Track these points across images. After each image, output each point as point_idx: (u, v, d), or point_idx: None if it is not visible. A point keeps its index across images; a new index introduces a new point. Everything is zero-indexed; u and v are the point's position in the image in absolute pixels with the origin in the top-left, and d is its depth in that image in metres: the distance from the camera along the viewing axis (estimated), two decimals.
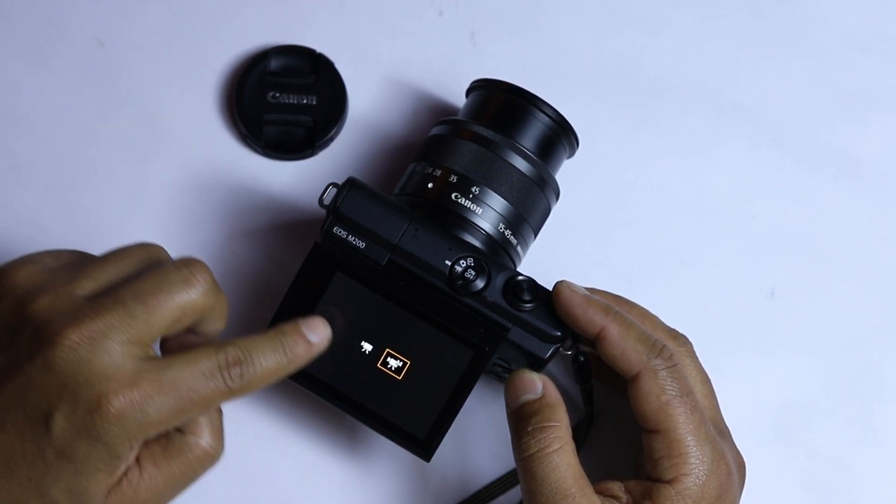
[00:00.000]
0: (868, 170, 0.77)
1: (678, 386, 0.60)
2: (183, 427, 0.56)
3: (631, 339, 0.61)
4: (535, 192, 0.67)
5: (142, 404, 0.52)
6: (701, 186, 0.76)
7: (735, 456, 0.63)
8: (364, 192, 0.64)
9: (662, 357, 0.61)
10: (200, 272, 0.55)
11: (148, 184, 0.74)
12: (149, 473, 0.55)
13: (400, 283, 0.63)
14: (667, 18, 0.79)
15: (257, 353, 0.55)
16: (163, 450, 0.55)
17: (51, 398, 0.52)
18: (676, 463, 0.60)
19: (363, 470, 0.70)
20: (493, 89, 0.69)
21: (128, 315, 0.53)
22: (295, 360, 0.56)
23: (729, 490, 0.61)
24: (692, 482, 0.59)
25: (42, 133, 0.75)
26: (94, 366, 0.52)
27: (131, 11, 0.76)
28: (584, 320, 0.61)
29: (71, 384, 0.52)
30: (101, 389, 0.52)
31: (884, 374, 0.74)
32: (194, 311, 0.55)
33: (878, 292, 0.75)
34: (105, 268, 0.56)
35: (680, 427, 0.60)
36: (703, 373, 0.65)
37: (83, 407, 0.51)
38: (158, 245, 0.59)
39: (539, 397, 0.61)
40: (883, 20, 0.79)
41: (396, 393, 0.63)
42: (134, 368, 0.53)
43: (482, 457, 0.71)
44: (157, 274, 0.55)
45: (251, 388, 0.55)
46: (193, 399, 0.54)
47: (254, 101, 0.74)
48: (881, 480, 0.72)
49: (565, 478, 0.60)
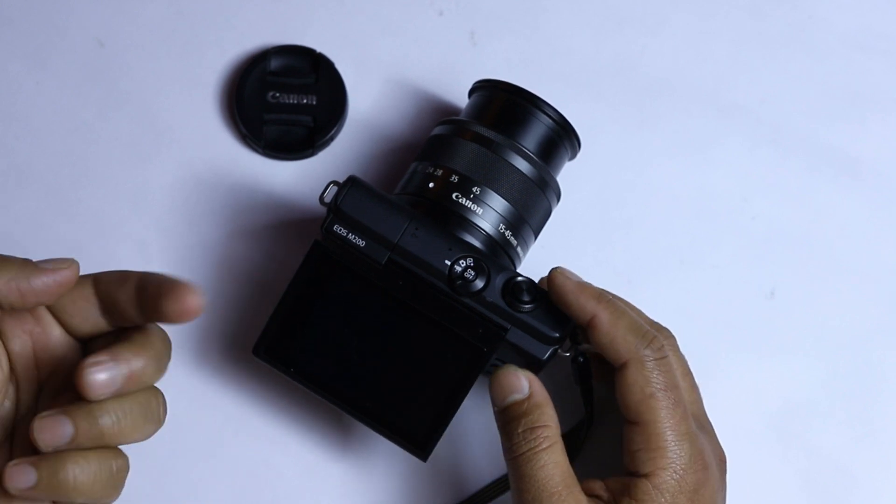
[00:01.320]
0: (868, 170, 0.77)
1: (664, 379, 0.60)
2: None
3: (622, 328, 0.61)
4: (536, 193, 0.67)
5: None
6: (701, 186, 0.76)
7: (715, 450, 0.63)
8: (365, 190, 0.64)
9: (652, 348, 0.61)
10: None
11: (148, 184, 0.74)
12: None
13: (399, 283, 0.63)
14: (667, 18, 0.79)
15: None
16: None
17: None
18: (654, 457, 0.60)
19: (360, 469, 0.70)
20: (495, 90, 0.69)
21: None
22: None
23: (706, 484, 0.60)
24: (669, 476, 0.59)
25: (42, 133, 0.75)
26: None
27: (131, 11, 0.77)
28: (575, 306, 0.61)
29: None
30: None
31: (884, 375, 0.74)
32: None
33: (878, 292, 0.75)
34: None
35: (660, 421, 0.60)
36: (686, 366, 0.65)
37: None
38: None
39: (526, 397, 0.61)
40: (883, 20, 0.79)
41: (394, 392, 0.63)
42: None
43: (479, 457, 0.71)
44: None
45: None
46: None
47: (254, 101, 0.74)
48: (881, 481, 0.72)
49: (553, 475, 0.60)
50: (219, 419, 0.71)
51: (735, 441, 0.70)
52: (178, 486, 0.70)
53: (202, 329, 0.71)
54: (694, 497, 0.60)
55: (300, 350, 0.64)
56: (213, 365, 0.71)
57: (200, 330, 0.71)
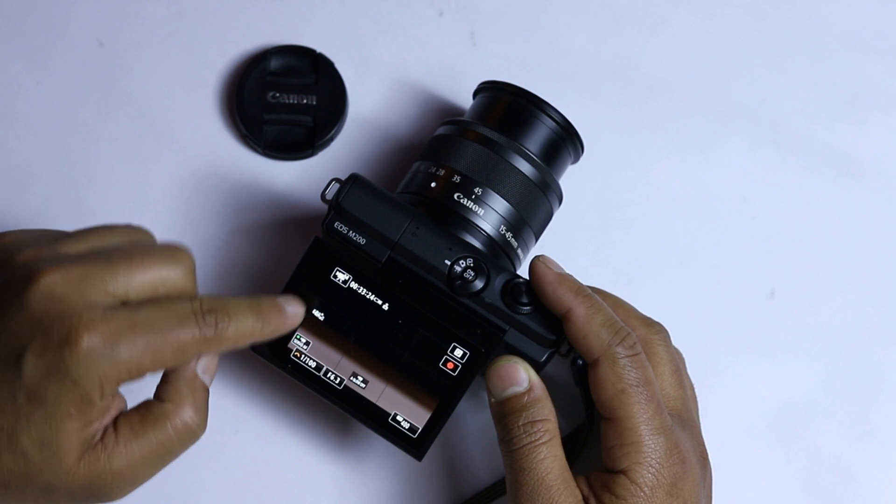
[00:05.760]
0: (868, 170, 0.77)
1: (636, 375, 0.60)
2: (164, 396, 0.56)
3: (595, 324, 0.60)
4: (538, 195, 0.67)
5: (113, 340, 0.51)
6: (701, 186, 0.76)
7: (696, 447, 0.63)
8: (366, 188, 0.64)
9: (624, 345, 0.60)
10: (186, 254, 0.56)
11: (148, 184, 0.74)
12: (125, 440, 0.54)
13: (399, 281, 0.63)
14: (667, 18, 0.79)
15: (233, 309, 0.55)
16: (141, 418, 0.55)
17: (23, 337, 0.51)
18: (629, 452, 0.60)
19: (356, 468, 0.70)
20: (500, 91, 0.69)
21: (109, 267, 0.53)
22: (268, 326, 0.57)
23: (685, 478, 0.60)
24: (645, 471, 0.59)
25: (42, 133, 0.75)
26: (67, 303, 0.51)
27: (131, 11, 0.77)
28: (552, 298, 0.61)
29: (44, 321, 0.51)
30: (72, 324, 0.51)
31: (884, 375, 0.74)
32: (173, 287, 0.55)
33: (878, 292, 0.75)
34: (90, 234, 0.56)
35: (633, 416, 0.60)
36: (675, 361, 0.64)
37: (54, 342, 0.51)
38: (144, 227, 0.58)
39: (526, 390, 0.61)
40: (883, 20, 0.79)
41: (390, 390, 0.63)
42: (107, 308, 0.52)
43: (475, 458, 0.71)
44: (145, 244, 0.55)
45: (224, 341, 0.55)
46: (166, 341, 0.53)
47: (254, 101, 0.74)
48: (881, 481, 0.72)
49: (552, 469, 0.60)
50: (217, 418, 0.70)
51: (735, 441, 0.71)
52: (177, 485, 0.70)
53: None
54: (672, 491, 0.60)
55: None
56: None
57: None
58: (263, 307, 0.57)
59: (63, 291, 0.51)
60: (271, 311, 0.57)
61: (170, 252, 0.55)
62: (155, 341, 0.52)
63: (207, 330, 0.54)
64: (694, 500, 0.61)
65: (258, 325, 0.56)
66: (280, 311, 0.58)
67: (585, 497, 0.60)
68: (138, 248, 0.55)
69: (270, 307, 0.57)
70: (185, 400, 0.56)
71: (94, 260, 0.53)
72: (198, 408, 0.56)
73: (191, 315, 0.54)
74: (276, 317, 0.57)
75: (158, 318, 0.53)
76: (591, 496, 0.60)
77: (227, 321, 0.55)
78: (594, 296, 0.62)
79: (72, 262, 0.53)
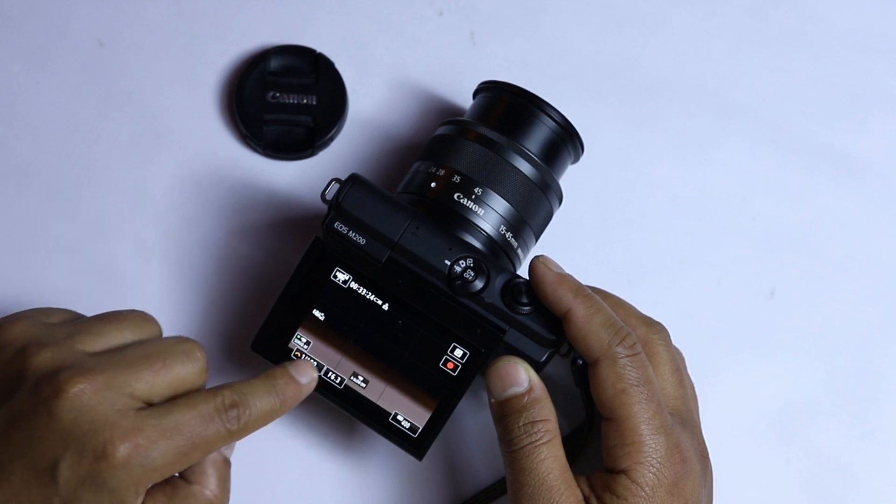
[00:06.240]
0: (868, 170, 0.77)
1: (636, 375, 0.60)
2: (189, 476, 0.58)
3: (595, 324, 0.61)
4: (538, 195, 0.67)
5: (146, 450, 0.53)
6: (701, 186, 0.76)
7: (697, 446, 0.63)
8: (366, 188, 0.64)
9: (624, 345, 0.60)
10: (200, 350, 0.57)
11: (148, 184, 0.74)
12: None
13: (399, 281, 0.63)
14: (667, 18, 0.79)
15: (252, 395, 0.57)
16: (168, 499, 0.56)
17: (56, 448, 0.52)
18: (629, 452, 0.60)
19: (356, 467, 0.70)
20: (500, 92, 0.69)
21: (133, 372, 0.55)
22: (287, 402, 0.58)
23: (685, 477, 0.60)
24: (646, 470, 0.59)
25: (42, 133, 0.75)
26: (98, 414, 0.53)
27: (131, 11, 0.77)
28: (552, 298, 0.61)
29: (75, 433, 0.52)
30: (106, 436, 0.52)
31: (884, 375, 0.74)
32: (191, 385, 0.57)
33: (878, 292, 0.75)
34: (102, 327, 0.58)
35: (634, 416, 0.60)
36: (675, 361, 0.64)
37: (89, 455, 0.52)
38: (151, 316, 0.60)
39: (526, 391, 0.61)
40: (883, 20, 0.79)
41: (391, 390, 0.63)
42: (137, 416, 0.54)
43: (475, 458, 0.71)
44: (161, 343, 0.57)
45: (248, 429, 0.57)
46: (195, 442, 0.55)
47: (254, 101, 0.74)
48: (881, 480, 0.72)
49: (553, 469, 0.60)
50: None
51: (735, 440, 0.71)
52: None
53: (202, 328, 0.72)
54: (673, 490, 0.60)
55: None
56: (212, 364, 0.71)
57: (200, 328, 0.71)
58: (279, 385, 0.58)
59: (91, 401, 0.53)
60: (287, 388, 0.58)
61: (186, 351, 0.57)
62: (185, 445, 0.54)
63: (231, 425, 0.56)
64: (695, 500, 0.61)
65: (276, 404, 0.58)
66: (295, 385, 0.59)
67: (586, 497, 0.60)
68: (156, 349, 0.56)
69: (286, 384, 0.58)
70: (210, 479, 0.58)
71: (117, 364, 0.55)
72: (221, 483, 0.59)
73: (214, 414, 0.55)
74: (292, 391, 0.58)
75: (185, 422, 0.55)
76: (592, 496, 0.60)
77: (248, 412, 0.56)
78: (594, 296, 0.62)
79: (95, 368, 0.54)
